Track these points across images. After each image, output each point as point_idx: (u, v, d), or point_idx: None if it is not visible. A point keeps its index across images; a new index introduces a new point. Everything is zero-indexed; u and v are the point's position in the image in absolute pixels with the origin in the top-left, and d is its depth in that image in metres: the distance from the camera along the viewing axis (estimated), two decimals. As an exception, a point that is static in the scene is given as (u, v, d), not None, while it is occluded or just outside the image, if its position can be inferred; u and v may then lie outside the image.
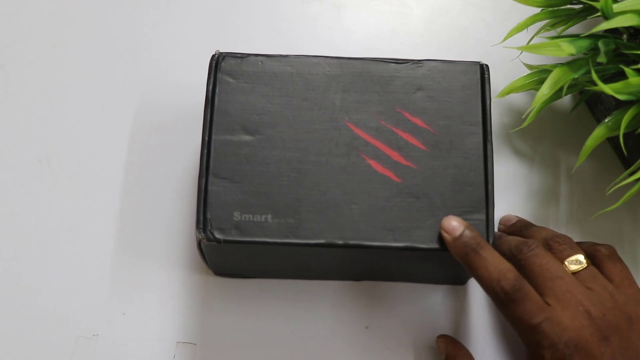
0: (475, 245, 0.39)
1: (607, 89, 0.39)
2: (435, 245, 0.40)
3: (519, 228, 0.45)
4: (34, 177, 0.49)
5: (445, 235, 0.39)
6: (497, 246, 0.41)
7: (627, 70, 0.39)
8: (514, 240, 0.41)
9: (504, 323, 0.46)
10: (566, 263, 0.40)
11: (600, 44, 0.40)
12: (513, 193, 0.49)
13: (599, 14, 0.40)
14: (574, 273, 0.39)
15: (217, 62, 0.43)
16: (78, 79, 0.52)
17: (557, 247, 0.41)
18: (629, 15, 0.39)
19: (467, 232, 0.39)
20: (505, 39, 0.46)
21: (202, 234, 0.40)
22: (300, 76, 0.43)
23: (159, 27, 0.54)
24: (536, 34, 0.46)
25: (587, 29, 0.44)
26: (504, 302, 0.37)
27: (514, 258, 0.39)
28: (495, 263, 0.38)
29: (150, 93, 0.51)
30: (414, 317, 0.46)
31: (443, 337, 0.44)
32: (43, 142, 0.50)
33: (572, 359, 0.36)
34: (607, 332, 0.37)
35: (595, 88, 0.40)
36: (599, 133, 0.42)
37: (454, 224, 0.39)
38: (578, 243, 0.42)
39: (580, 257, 0.40)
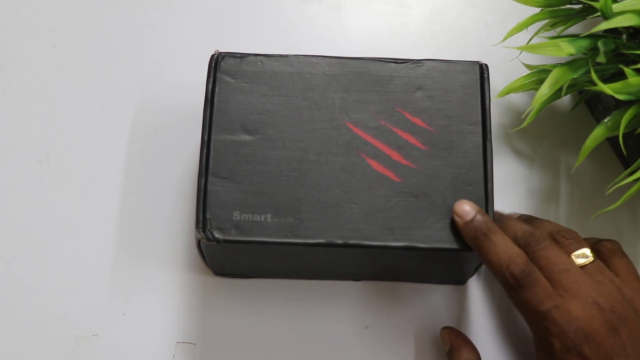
0: (486, 230, 0.39)
1: (607, 89, 0.39)
2: (435, 245, 0.40)
3: (523, 222, 0.45)
4: (34, 177, 0.49)
5: (457, 219, 0.39)
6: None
7: (627, 70, 0.39)
8: (520, 229, 0.41)
9: (504, 324, 0.46)
10: (573, 257, 0.40)
11: (599, 44, 0.40)
12: (513, 193, 0.49)
13: (598, 14, 0.40)
14: (581, 267, 0.40)
15: (217, 62, 0.43)
16: (78, 79, 0.52)
17: (564, 241, 0.41)
18: (628, 15, 0.39)
19: (479, 217, 0.39)
20: (505, 39, 0.46)
21: (202, 234, 0.40)
22: (299, 76, 0.43)
23: (159, 27, 0.54)
24: (536, 34, 0.46)
25: (587, 29, 0.44)
26: (513, 287, 0.38)
27: (521, 250, 0.39)
28: (505, 248, 0.38)
29: (150, 93, 0.51)
30: (414, 317, 0.46)
31: (447, 329, 0.44)
32: (43, 142, 0.50)
33: (582, 348, 0.36)
34: (616, 323, 0.37)
35: (594, 88, 0.40)
36: (598, 133, 0.42)
37: (467, 208, 0.39)
38: (584, 239, 0.42)
39: (587, 251, 0.40)
